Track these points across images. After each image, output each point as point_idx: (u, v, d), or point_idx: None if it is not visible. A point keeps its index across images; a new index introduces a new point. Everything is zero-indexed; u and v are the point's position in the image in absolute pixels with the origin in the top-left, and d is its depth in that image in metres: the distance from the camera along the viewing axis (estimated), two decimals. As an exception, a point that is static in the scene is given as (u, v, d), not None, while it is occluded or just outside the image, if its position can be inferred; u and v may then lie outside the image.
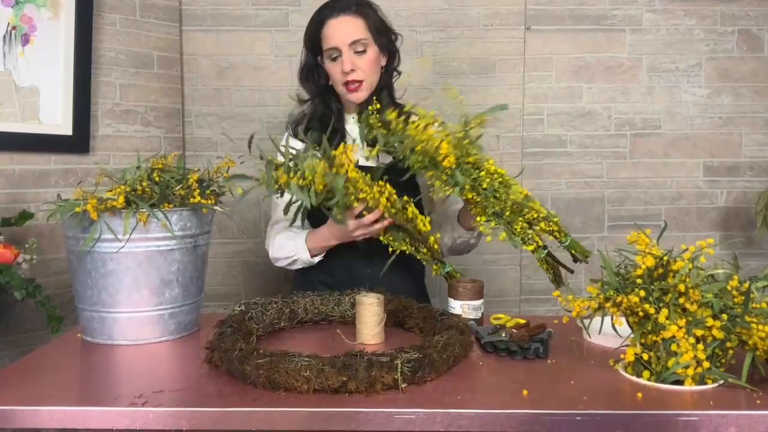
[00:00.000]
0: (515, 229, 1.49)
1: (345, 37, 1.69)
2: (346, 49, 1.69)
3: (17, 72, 2.05)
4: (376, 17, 1.74)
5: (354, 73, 1.69)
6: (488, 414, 1.03)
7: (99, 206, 1.33)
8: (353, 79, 1.70)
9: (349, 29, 1.69)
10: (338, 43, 1.69)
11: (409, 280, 1.82)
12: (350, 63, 1.69)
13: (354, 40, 1.69)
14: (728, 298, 1.18)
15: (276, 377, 1.09)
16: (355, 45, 1.69)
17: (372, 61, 1.72)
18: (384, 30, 1.75)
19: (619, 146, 2.58)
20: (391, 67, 1.79)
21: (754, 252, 2.59)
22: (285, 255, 1.75)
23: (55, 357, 1.34)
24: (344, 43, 1.69)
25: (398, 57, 1.80)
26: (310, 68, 1.79)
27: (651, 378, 1.14)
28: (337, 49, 1.70)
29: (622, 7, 2.53)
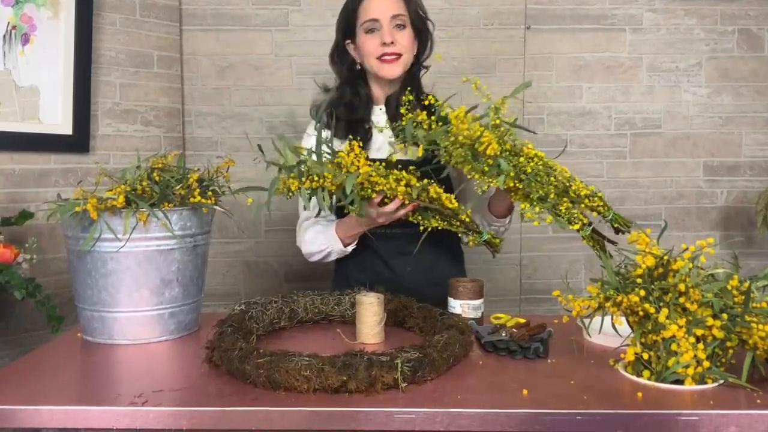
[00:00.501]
0: (560, 210, 1.44)
1: (387, 9, 1.66)
2: (386, 21, 1.66)
3: (17, 71, 2.05)
4: (416, 1, 1.73)
5: (393, 46, 1.66)
6: (488, 413, 1.03)
7: (99, 206, 1.33)
8: (392, 51, 1.66)
9: (391, 3, 1.68)
10: (379, 15, 1.66)
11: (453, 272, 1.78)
12: (390, 35, 1.65)
13: (396, 14, 1.67)
14: (728, 297, 1.18)
15: (276, 377, 1.09)
16: (395, 19, 1.67)
17: (410, 39, 1.70)
18: (422, 16, 1.74)
19: (619, 146, 2.58)
20: (422, 56, 1.76)
21: (754, 251, 2.59)
22: (318, 249, 1.72)
23: (55, 357, 1.34)
24: (386, 15, 1.66)
25: (430, 47, 1.77)
26: (342, 50, 1.76)
27: (651, 377, 1.14)
28: (376, 21, 1.66)
29: (622, 6, 2.53)
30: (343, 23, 1.74)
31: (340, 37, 1.76)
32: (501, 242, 1.60)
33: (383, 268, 1.76)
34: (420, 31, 1.73)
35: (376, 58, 1.68)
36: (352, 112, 1.74)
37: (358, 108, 1.74)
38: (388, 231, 1.70)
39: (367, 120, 1.75)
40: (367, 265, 1.76)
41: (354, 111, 1.74)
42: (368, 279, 1.73)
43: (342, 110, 1.74)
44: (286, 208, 2.60)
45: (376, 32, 1.67)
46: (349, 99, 1.75)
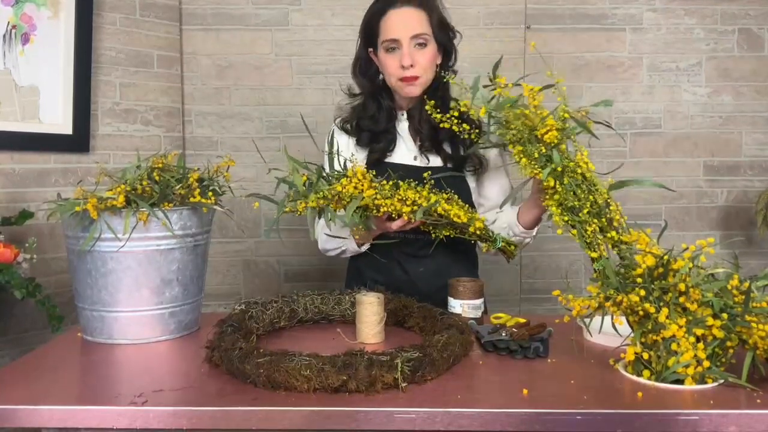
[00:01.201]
0: (587, 231, 1.39)
1: (407, 29, 1.62)
2: (406, 42, 1.62)
3: (17, 71, 2.05)
4: (439, 12, 1.69)
5: (412, 69, 1.63)
6: (488, 413, 1.03)
7: (99, 205, 1.33)
8: (411, 75, 1.64)
9: (412, 22, 1.63)
10: (399, 35, 1.63)
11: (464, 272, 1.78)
12: (409, 57, 1.62)
13: (416, 33, 1.63)
14: (728, 297, 1.18)
15: (276, 376, 1.09)
16: (416, 38, 1.63)
17: (431, 58, 1.66)
18: (445, 27, 1.70)
19: (619, 145, 2.58)
20: (447, 66, 1.73)
21: (754, 251, 2.59)
22: (334, 246, 1.74)
23: (55, 356, 1.34)
24: (406, 35, 1.62)
25: (455, 56, 1.74)
26: (366, 60, 1.75)
27: (651, 377, 1.14)
28: (396, 41, 1.63)
29: (622, 6, 2.53)
30: (365, 35, 1.73)
31: (363, 47, 1.74)
32: (516, 249, 1.59)
33: (397, 269, 1.76)
34: (443, 43, 1.70)
35: (396, 78, 1.67)
36: (376, 124, 1.75)
37: (381, 121, 1.74)
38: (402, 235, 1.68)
39: (390, 129, 1.76)
40: (381, 264, 1.75)
41: (377, 123, 1.74)
42: (382, 278, 1.74)
43: (366, 122, 1.75)
44: (286, 207, 2.60)
45: (396, 51, 1.65)
46: (373, 112, 1.75)
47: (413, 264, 1.75)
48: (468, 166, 1.74)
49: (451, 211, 1.50)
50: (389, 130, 1.75)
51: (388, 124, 1.75)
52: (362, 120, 1.76)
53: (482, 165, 1.75)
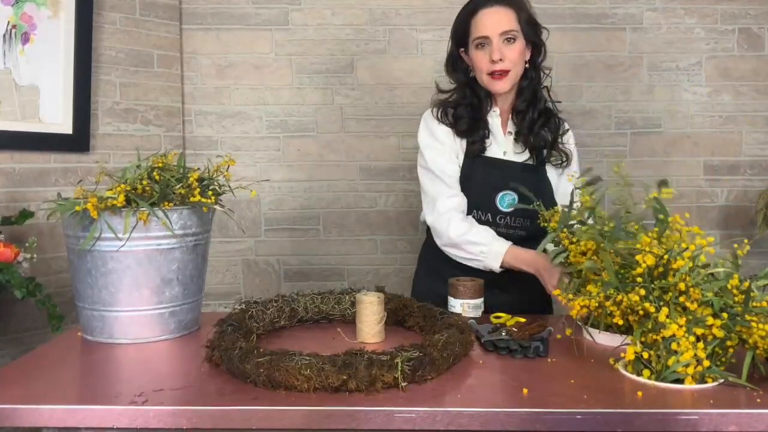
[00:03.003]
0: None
1: (497, 26, 1.69)
2: (496, 38, 1.69)
3: (17, 71, 2.05)
4: (526, 10, 1.75)
5: (502, 63, 1.69)
6: (488, 413, 1.03)
7: (99, 205, 1.33)
8: (500, 69, 1.70)
9: (501, 19, 1.70)
10: (489, 32, 1.69)
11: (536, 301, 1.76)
12: (499, 52, 1.68)
13: (505, 30, 1.69)
14: (728, 296, 1.18)
15: (276, 376, 1.09)
16: (505, 34, 1.70)
17: (519, 52, 1.72)
18: (532, 23, 1.75)
19: (619, 145, 2.58)
20: (537, 61, 1.78)
21: (754, 251, 2.58)
22: (471, 251, 1.69)
23: (55, 355, 1.34)
24: (495, 32, 1.69)
25: (544, 51, 1.79)
26: (456, 59, 1.81)
27: (651, 377, 1.14)
28: (486, 38, 1.70)
29: (622, 5, 2.53)
30: (456, 34, 1.79)
31: (454, 47, 1.80)
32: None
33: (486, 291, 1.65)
34: (531, 39, 1.75)
35: (486, 74, 1.72)
36: (474, 111, 1.78)
37: (479, 108, 1.78)
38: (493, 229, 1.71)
39: (485, 120, 1.79)
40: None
41: (475, 110, 1.78)
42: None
43: (464, 109, 1.78)
44: (285, 207, 2.60)
45: (486, 47, 1.71)
46: (470, 100, 1.79)
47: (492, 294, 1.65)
48: (554, 160, 1.79)
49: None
50: (485, 119, 1.79)
51: (485, 112, 1.79)
52: (460, 107, 1.79)
53: (568, 159, 1.80)
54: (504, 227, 1.74)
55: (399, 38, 2.53)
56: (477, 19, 1.72)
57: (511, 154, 1.79)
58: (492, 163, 1.76)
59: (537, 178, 1.77)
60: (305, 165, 2.58)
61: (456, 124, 1.77)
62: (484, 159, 1.77)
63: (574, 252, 1.38)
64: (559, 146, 1.80)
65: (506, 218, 1.74)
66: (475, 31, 1.72)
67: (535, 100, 1.77)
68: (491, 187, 1.74)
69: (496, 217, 1.74)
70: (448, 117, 1.78)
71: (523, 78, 1.77)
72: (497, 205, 1.73)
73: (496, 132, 1.80)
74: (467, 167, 1.77)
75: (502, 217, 1.74)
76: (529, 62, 1.77)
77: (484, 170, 1.76)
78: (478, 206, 1.75)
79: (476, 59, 1.73)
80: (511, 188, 1.72)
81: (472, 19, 1.73)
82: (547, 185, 1.78)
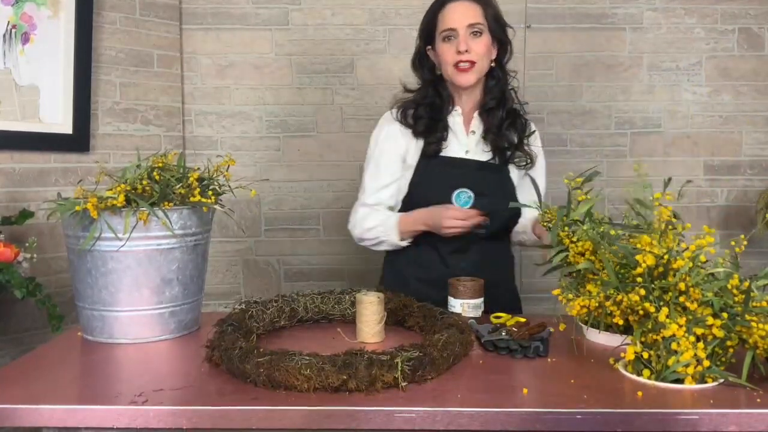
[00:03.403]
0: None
1: (463, 18, 1.71)
2: (462, 30, 1.71)
3: (17, 70, 2.05)
4: (494, 7, 1.78)
5: (467, 54, 1.71)
6: (488, 412, 1.03)
7: (99, 205, 1.33)
8: (466, 59, 1.71)
9: (468, 12, 1.73)
10: (456, 24, 1.71)
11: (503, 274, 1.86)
12: (465, 43, 1.70)
13: (471, 22, 1.72)
14: (728, 296, 1.18)
15: (276, 376, 1.09)
16: (471, 27, 1.72)
17: (486, 46, 1.73)
18: (499, 20, 1.77)
19: (619, 145, 2.58)
20: (503, 60, 1.80)
21: (754, 251, 2.59)
22: (373, 236, 1.79)
23: (55, 355, 1.34)
24: (462, 24, 1.71)
25: (510, 51, 1.81)
26: (423, 56, 1.82)
27: (651, 376, 1.14)
28: (453, 30, 1.72)
29: (622, 5, 2.53)
30: (425, 30, 1.80)
31: (422, 43, 1.82)
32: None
33: (439, 264, 1.78)
34: (497, 36, 1.77)
35: (452, 66, 1.73)
36: (434, 112, 1.79)
37: (440, 108, 1.80)
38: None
39: (446, 121, 1.80)
40: (423, 260, 1.79)
41: (436, 111, 1.80)
42: (423, 274, 1.77)
43: (423, 109, 1.80)
44: (285, 207, 2.60)
45: (452, 40, 1.73)
46: (432, 99, 1.80)
47: (455, 259, 1.77)
48: (518, 160, 1.81)
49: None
50: (444, 119, 1.80)
51: (445, 112, 1.80)
52: (420, 107, 1.80)
53: (531, 160, 1.82)
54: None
55: (399, 38, 2.53)
56: (444, 12, 1.74)
57: (474, 153, 1.80)
58: (450, 162, 1.78)
59: (498, 178, 1.78)
60: (305, 165, 2.58)
61: (415, 124, 1.79)
62: (441, 158, 1.78)
63: (573, 252, 1.38)
64: (525, 147, 1.81)
65: None
66: (442, 24, 1.74)
67: (504, 99, 1.79)
68: (448, 186, 1.75)
69: None
70: (407, 118, 1.80)
71: (490, 77, 1.79)
72: (453, 203, 1.74)
73: (458, 131, 1.81)
74: (424, 167, 1.78)
75: None
76: (496, 61, 1.79)
77: (441, 169, 1.77)
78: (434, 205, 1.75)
79: (442, 52, 1.74)
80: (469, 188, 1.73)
81: (440, 13, 1.75)
82: (509, 185, 1.80)
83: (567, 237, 1.39)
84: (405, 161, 1.80)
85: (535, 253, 2.60)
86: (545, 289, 2.55)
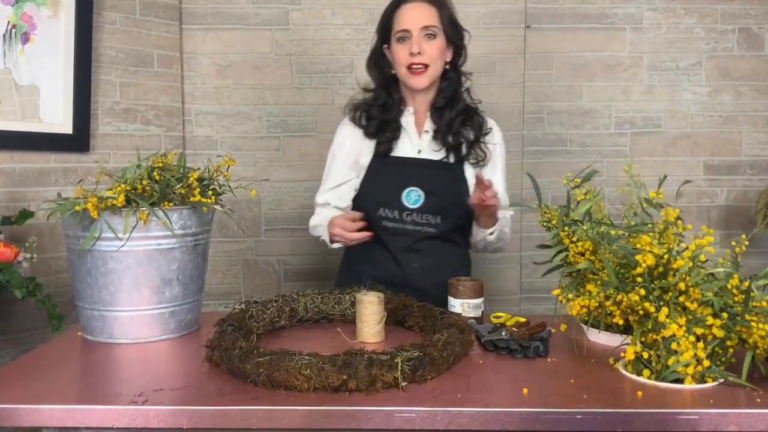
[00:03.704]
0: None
1: (418, 20, 1.72)
2: (417, 32, 1.72)
3: (17, 70, 2.05)
4: (449, 10, 1.79)
5: (420, 56, 1.72)
6: (488, 412, 1.03)
7: (99, 205, 1.33)
8: (419, 62, 1.72)
9: (422, 13, 1.74)
10: (410, 26, 1.72)
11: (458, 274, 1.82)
12: (418, 45, 1.71)
13: (426, 24, 1.72)
14: (728, 296, 1.18)
15: (276, 376, 1.09)
16: (425, 29, 1.73)
17: (439, 49, 1.75)
18: (454, 24, 1.79)
19: (619, 144, 2.58)
20: (458, 63, 1.82)
21: (754, 251, 2.59)
22: (316, 234, 1.87)
23: (55, 355, 1.34)
24: (416, 26, 1.72)
25: (465, 54, 1.82)
26: (379, 56, 1.83)
27: (651, 376, 1.14)
28: (407, 32, 1.73)
29: (622, 5, 2.53)
30: (381, 29, 1.81)
31: (378, 42, 1.83)
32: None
33: (391, 263, 1.79)
34: (452, 39, 1.78)
35: (405, 67, 1.75)
36: (386, 113, 1.82)
37: (391, 109, 1.82)
38: (399, 227, 1.77)
39: (397, 121, 1.82)
40: (376, 258, 1.80)
41: (387, 112, 1.82)
42: (376, 272, 1.78)
43: (376, 110, 1.83)
44: (285, 207, 2.60)
45: (407, 41, 1.74)
46: (384, 101, 1.83)
47: (408, 258, 1.78)
48: (471, 158, 1.80)
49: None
50: (396, 119, 1.82)
51: (396, 113, 1.82)
52: (372, 108, 1.83)
53: (485, 157, 1.82)
54: (411, 224, 1.77)
55: (399, 38, 2.53)
56: (399, 12, 1.75)
57: (427, 152, 1.81)
58: (401, 161, 1.79)
59: (451, 176, 1.79)
60: (305, 165, 2.57)
61: (367, 125, 1.82)
62: (392, 158, 1.80)
63: (573, 252, 1.38)
64: (481, 145, 1.81)
65: (413, 215, 1.77)
66: (397, 25, 1.75)
67: (454, 100, 1.80)
68: (398, 185, 1.76)
69: (403, 214, 1.77)
70: (360, 119, 1.83)
71: (443, 79, 1.80)
72: (403, 201, 1.76)
73: (411, 131, 1.82)
74: (376, 166, 1.80)
75: (408, 214, 1.77)
76: (450, 64, 1.80)
77: (392, 169, 1.79)
78: (385, 204, 1.78)
79: (396, 52, 1.76)
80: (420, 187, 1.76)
81: (395, 13, 1.76)
82: (462, 183, 1.80)
83: (567, 237, 1.40)
84: (358, 163, 1.83)
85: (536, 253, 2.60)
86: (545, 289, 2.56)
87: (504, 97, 2.53)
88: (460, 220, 1.80)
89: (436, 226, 1.77)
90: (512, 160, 2.53)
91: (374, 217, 1.77)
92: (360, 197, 1.82)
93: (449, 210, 1.76)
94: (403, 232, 1.77)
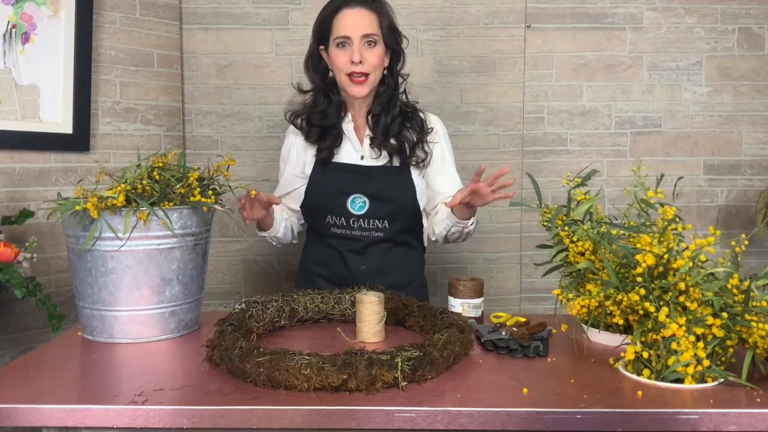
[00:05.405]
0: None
1: (359, 28, 1.70)
2: (357, 40, 1.70)
3: (17, 70, 2.05)
4: (389, 16, 1.77)
5: (362, 65, 1.70)
6: (488, 412, 1.03)
7: (99, 204, 1.33)
8: (360, 71, 1.71)
9: (364, 21, 1.71)
10: (351, 33, 1.70)
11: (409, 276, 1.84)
12: (359, 54, 1.69)
13: (366, 32, 1.71)
14: (728, 296, 1.18)
15: (276, 375, 1.09)
16: (366, 37, 1.71)
17: (379, 57, 1.73)
18: (393, 30, 1.77)
19: (619, 144, 2.58)
20: (395, 68, 1.80)
21: (754, 251, 2.59)
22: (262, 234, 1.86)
23: (55, 355, 1.34)
24: (357, 34, 1.70)
25: (403, 59, 1.81)
26: (317, 56, 1.81)
27: (651, 376, 1.14)
28: (348, 38, 1.71)
29: (622, 5, 2.53)
30: (318, 31, 1.79)
31: (315, 43, 1.80)
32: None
33: (340, 265, 1.80)
34: (392, 46, 1.77)
35: (345, 75, 1.72)
36: (325, 120, 1.79)
37: (330, 116, 1.80)
38: (347, 233, 1.77)
39: (338, 127, 1.81)
40: (326, 260, 1.82)
41: (327, 118, 1.80)
42: (326, 273, 1.81)
43: (316, 117, 1.80)
44: (286, 206, 2.60)
45: (347, 47, 1.72)
46: (323, 107, 1.80)
47: (356, 260, 1.78)
48: (412, 160, 1.79)
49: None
50: (337, 126, 1.80)
51: (337, 119, 1.80)
52: (312, 115, 1.81)
53: (426, 158, 1.80)
54: (359, 230, 1.77)
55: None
56: (339, 18, 1.72)
57: (369, 158, 1.79)
58: (343, 168, 1.78)
59: (396, 180, 1.77)
60: (305, 165, 2.57)
61: (309, 133, 1.80)
62: (334, 165, 1.79)
63: (573, 252, 1.38)
64: (423, 146, 1.79)
65: (360, 221, 1.76)
66: (337, 31, 1.72)
67: (389, 105, 1.78)
68: (342, 192, 1.76)
69: (349, 221, 1.77)
70: (302, 125, 1.82)
71: (381, 84, 1.78)
72: (349, 208, 1.75)
73: (352, 137, 1.81)
74: (318, 174, 1.79)
75: (355, 220, 1.76)
76: (388, 69, 1.78)
77: (335, 176, 1.78)
78: (331, 211, 1.77)
79: (336, 58, 1.73)
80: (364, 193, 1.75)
81: (335, 18, 1.73)
82: (407, 187, 1.78)
83: (567, 237, 1.40)
84: (304, 172, 1.82)
85: (536, 253, 2.60)
86: (545, 289, 2.57)
87: (504, 97, 2.53)
88: (408, 222, 1.80)
89: (384, 230, 1.77)
90: (512, 160, 2.53)
91: (323, 224, 1.78)
92: (306, 204, 1.81)
93: (396, 214, 1.76)
94: (351, 237, 1.77)
